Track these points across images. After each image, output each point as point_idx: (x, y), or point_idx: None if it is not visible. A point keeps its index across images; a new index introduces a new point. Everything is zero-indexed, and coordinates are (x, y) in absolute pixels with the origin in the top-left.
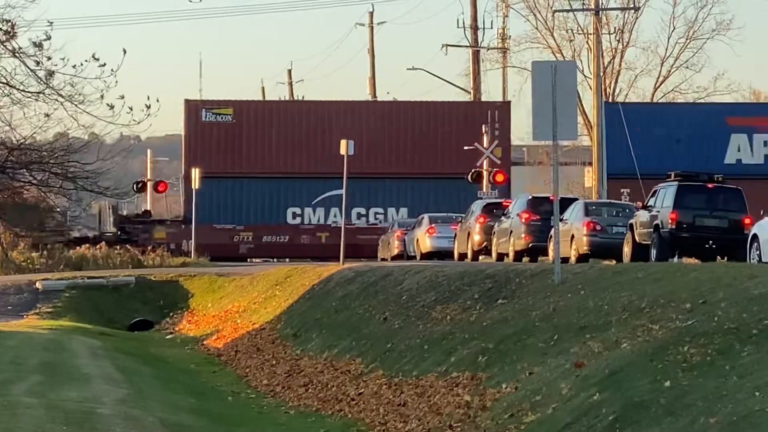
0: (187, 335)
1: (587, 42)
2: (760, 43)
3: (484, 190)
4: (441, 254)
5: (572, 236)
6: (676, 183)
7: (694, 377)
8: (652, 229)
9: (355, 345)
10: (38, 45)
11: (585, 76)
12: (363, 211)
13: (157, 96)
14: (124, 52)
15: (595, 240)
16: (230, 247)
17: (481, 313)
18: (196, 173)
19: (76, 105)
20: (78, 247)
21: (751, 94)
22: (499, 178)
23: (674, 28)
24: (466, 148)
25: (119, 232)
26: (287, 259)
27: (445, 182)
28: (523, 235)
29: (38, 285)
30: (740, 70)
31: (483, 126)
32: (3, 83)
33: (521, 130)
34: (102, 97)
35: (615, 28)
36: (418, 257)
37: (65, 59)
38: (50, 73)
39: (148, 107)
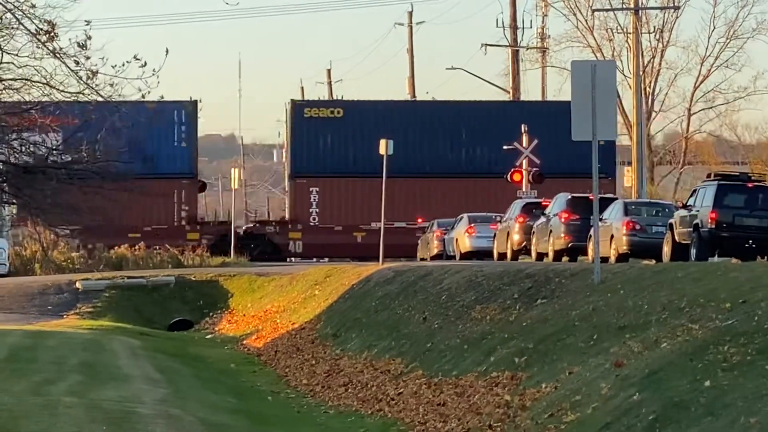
0: (227, 335)
1: (627, 41)
2: None
3: (524, 189)
4: (480, 254)
5: (612, 236)
6: (716, 182)
7: (734, 377)
8: (691, 229)
9: (394, 345)
10: (82, 45)
11: (625, 76)
12: None
13: (198, 95)
14: (167, 51)
15: (635, 239)
16: None
17: (520, 313)
18: (235, 173)
19: (116, 106)
20: (118, 247)
21: None
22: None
23: (714, 28)
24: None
25: None
26: None
27: None
28: (562, 235)
29: (78, 285)
30: None
31: (522, 126)
32: (43, 83)
33: None
34: (143, 97)
35: (655, 27)
36: (457, 257)
37: (104, 59)
38: (93, 73)
39: (194, 109)
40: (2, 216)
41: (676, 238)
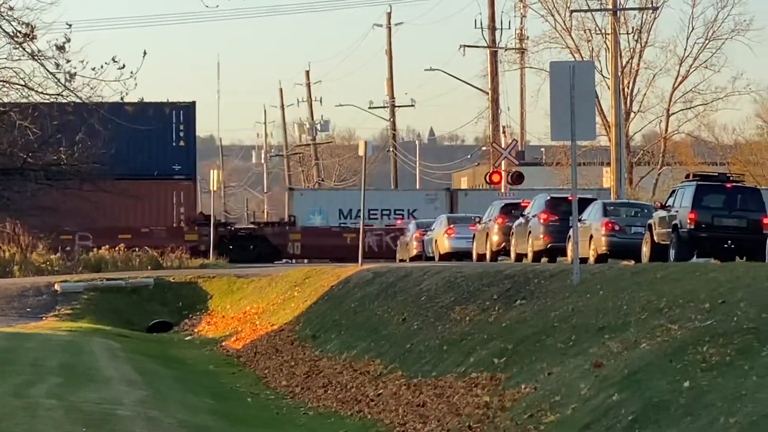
0: (206, 337)
1: (605, 42)
2: None
3: (503, 191)
4: (459, 255)
5: (591, 236)
6: (695, 183)
7: (714, 377)
8: (670, 230)
9: (374, 346)
10: (60, 48)
11: (603, 77)
12: None
13: (177, 97)
14: (144, 53)
15: (614, 240)
16: None
17: (500, 314)
18: (214, 174)
19: (94, 107)
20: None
21: None
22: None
23: (693, 28)
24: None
25: None
26: None
27: None
28: (541, 236)
29: (57, 287)
30: (759, 70)
31: (503, 127)
32: (21, 85)
33: (539, 130)
34: (122, 99)
35: (633, 28)
36: (436, 258)
37: (84, 62)
38: (71, 76)
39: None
40: None
41: (655, 238)
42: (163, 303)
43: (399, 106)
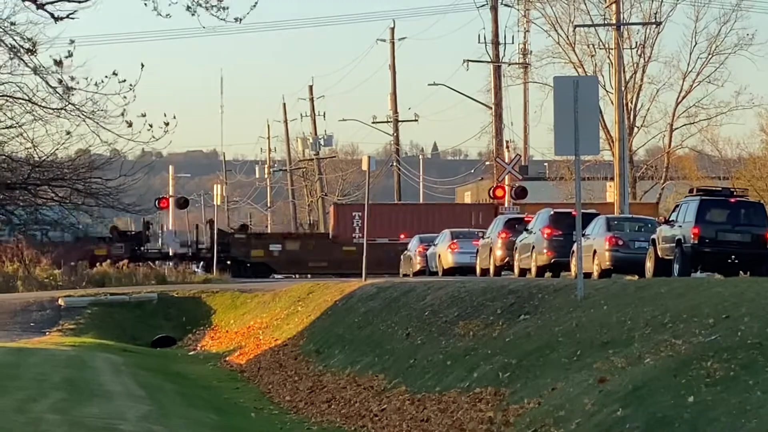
0: (210, 351)
1: (609, 57)
2: None
3: (506, 205)
4: (463, 270)
5: (594, 251)
6: (698, 198)
7: (718, 392)
8: (674, 244)
9: (377, 361)
10: (58, 63)
11: (606, 91)
12: None
13: (181, 112)
14: (142, 66)
15: (618, 255)
16: None
17: (503, 329)
18: (218, 189)
19: (97, 122)
20: (101, 264)
21: None
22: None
23: (696, 43)
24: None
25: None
26: None
27: None
28: (545, 251)
29: (61, 302)
30: (762, 85)
31: (506, 142)
32: (25, 100)
33: (543, 145)
34: (123, 113)
35: (636, 42)
36: (440, 273)
37: (88, 78)
38: (68, 90)
39: (167, 124)
40: None
41: (659, 253)
42: (167, 318)
43: (402, 121)
